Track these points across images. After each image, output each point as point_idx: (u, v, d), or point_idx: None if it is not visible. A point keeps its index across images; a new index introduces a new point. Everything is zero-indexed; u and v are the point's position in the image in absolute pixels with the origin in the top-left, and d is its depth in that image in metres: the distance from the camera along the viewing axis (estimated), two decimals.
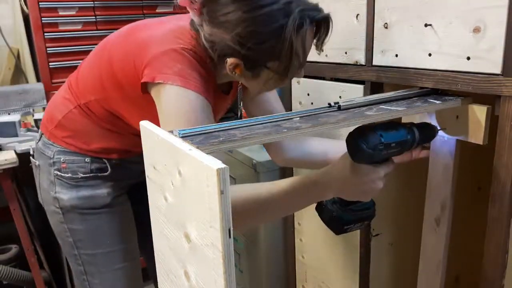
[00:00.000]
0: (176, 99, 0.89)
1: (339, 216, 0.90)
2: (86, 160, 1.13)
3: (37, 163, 1.19)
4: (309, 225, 1.38)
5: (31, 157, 1.23)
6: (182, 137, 0.60)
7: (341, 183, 0.82)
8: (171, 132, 0.61)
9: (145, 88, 0.94)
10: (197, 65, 0.92)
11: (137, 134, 1.04)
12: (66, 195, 1.13)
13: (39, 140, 1.19)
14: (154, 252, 0.73)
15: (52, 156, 1.14)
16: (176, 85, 0.88)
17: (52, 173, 1.14)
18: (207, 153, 0.51)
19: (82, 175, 1.13)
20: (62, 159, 1.13)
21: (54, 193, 1.14)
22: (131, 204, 1.26)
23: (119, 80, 0.99)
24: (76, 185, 1.13)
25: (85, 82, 1.08)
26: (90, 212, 1.15)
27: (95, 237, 1.17)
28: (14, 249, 2.08)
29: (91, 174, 1.13)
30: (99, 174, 1.14)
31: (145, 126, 0.65)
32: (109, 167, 1.15)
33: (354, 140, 0.77)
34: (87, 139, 1.12)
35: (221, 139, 0.61)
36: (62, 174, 1.13)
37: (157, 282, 1.02)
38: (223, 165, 0.46)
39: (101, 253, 1.18)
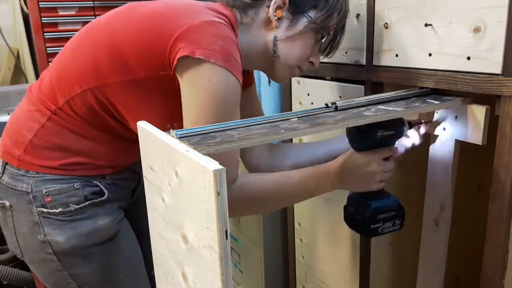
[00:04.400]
0: (218, 82, 0.76)
1: (362, 215, 0.89)
2: (75, 186, 0.91)
3: (6, 203, 0.92)
4: (309, 225, 1.38)
5: None
6: (179, 137, 0.60)
7: (339, 172, 0.85)
8: (168, 132, 0.61)
9: (174, 65, 0.79)
10: (236, 43, 0.81)
11: (126, 138, 0.95)
12: (62, 236, 0.90)
13: (2, 173, 0.93)
14: (152, 253, 0.73)
15: (29, 190, 0.90)
16: (220, 65, 0.76)
17: (34, 212, 0.90)
18: (204, 154, 0.51)
19: (75, 206, 0.91)
20: (44, 191, 0.89)
21: (44, 237, 0.91)
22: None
23: (126, 61, 0.83)
24: (71, 221, 0.91)
25: (68, 75, 0.89)
26: (94, 250, 0.94)
27: (104, 276, 0.97)
28: None
29: (86, 203, 0.92)
30: (96, 201, 0.93)
31: (142, 126, 0.64)
32: (104, 189, 0.95)
33: (353, 129, 0.84)
34: (70, 152, 0.91)
35: (218, 139, 0.60)
36: (50, 211, 0.90)
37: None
38: (220, 166, 0.46)
39: None
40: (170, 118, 0.87)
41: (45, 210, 0.90)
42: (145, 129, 0.63)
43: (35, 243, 0.92)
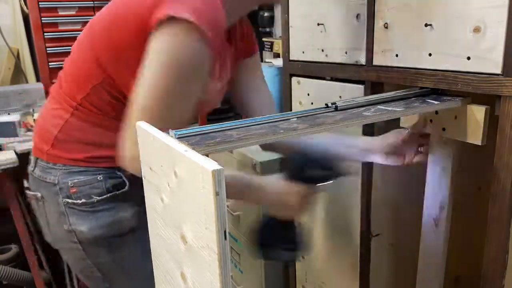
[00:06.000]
0: (182, 39, 0.75)
1: (269, 241, 0.94)
2: (99, 178, 0.94)
3: (38, 195, 0.98)
4: (309, 225, 1.38)
5: (27, 192, 1.02)
6: (178, 137, 0.60)
7: (271, 192, 0.92)
8: (167, 132, 0.61)
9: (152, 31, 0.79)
10: (219, 3, 0.80)
11: None
12: (85, 226, 0.94)
13: (34, 167, 0.98)
14: (152, 254, 0.73)
15: (56, 182, 0.94)
16: (192, 25, 0.74)
17: (60, 202, 0.94)
18: (203, 154, 0.51)
19: (97, 197, 0.94)
20: (70, 183, 0.93)
21: (69, 226, 0.94)
22: None
23: (116, 45, 0.85)
24: (93, 211, 0.94)
25: (78, 73, 0.92)
26: (116, 241, 0.97)
27: (126, 267, 1.00)
28: (14, 249, 2.08)
29: (108, 195, 0.95)
30: (117, 192, 0.96)
31: (141, 126, 0.64)
32: (126, 181, 0.97)
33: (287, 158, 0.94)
34: (94, 146, 0.94)
35: (217, 140, 0.60)
36: (74, 201, 0.93)
37: None
38: (218, 167, 0.46)
39: (135, 283, 1.01)
40: None
41: (70, 200, 0.93)
42: (144, 129, 0.63)
43: (62, 232, 0.96)
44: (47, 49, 1.81)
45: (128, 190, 0.97)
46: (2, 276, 1.79)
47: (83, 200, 0.93)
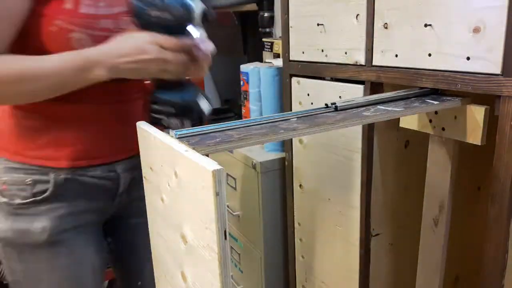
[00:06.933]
0: None
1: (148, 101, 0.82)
2: (27, 181, 0.85)
3: None
4: (309, 225, 1.38)
5: None
6: (178, 138, 0.60)
7: (108, 52, 0.74)
8: (167, 132, 0.61)
9: None
10: None
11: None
12: (3, 224, 0.87)
13: None
14: (152, 253, 0.73)
15: None
16: None
17: None
18: (203, 154, 0.51)
19: (19, 201, 0.85)
20: (3, 179, 0.86)
21: None
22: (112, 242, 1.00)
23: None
24: (14, 214, 0.86)
25: None
26: (26, 251, 0.87)
27: (30, 282, 0.90)
28: None
29: (30, 200, 0.85)
30: (38, 199, 0.85)
31: (141, 126, 0.64)
32: (51, 185, 0.86)
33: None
34: (28, 136, 0.85)
35: (217, 140, 0.61)
36: (1, 199, 0.86)
37: None
38: (218, 167, 0.46)
39: None
40: None
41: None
42: (145, 129, 0.64)
43: None
44: None
45: (51, 195, 0.86)
46: (2, 276, 1.78)
47: (5, 200, 0.86)
